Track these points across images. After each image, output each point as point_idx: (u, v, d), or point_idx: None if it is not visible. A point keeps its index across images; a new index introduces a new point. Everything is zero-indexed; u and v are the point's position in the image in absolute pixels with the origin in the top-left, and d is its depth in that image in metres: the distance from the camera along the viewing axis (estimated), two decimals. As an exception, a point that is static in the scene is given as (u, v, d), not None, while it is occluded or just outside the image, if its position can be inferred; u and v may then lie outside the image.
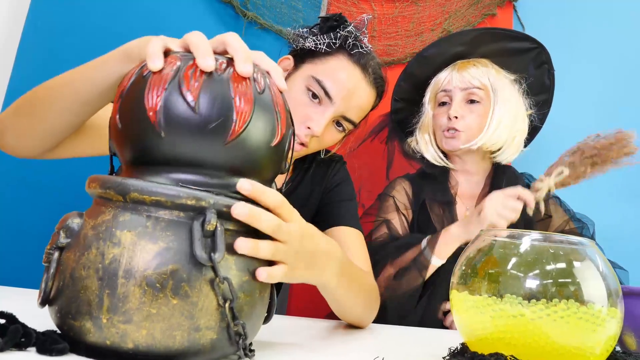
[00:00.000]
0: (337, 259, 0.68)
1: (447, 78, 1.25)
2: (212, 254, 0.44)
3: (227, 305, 0.45)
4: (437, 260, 1.05)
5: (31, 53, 1.31)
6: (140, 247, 0.43)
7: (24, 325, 0.43)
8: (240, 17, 1.52)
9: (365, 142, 1.39)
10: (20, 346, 0.41)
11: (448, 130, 1.22)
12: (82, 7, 1.37)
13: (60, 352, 0.42)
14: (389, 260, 1.07)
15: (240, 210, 0.47)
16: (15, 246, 1.26)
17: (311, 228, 0.61)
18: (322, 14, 1.59)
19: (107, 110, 0.74)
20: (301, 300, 1.46)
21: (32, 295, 0.77)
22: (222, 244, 0.45)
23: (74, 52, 1.33)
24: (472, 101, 1.22)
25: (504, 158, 1.27)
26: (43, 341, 0.42)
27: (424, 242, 1.07)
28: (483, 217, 1.05)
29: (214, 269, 0.44)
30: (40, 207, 1.29)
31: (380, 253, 1.11)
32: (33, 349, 0.42)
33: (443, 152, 1.29)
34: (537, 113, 1.34)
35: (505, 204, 1.05)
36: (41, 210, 1.29)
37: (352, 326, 0.91)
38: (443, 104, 1.26)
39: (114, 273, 0.43)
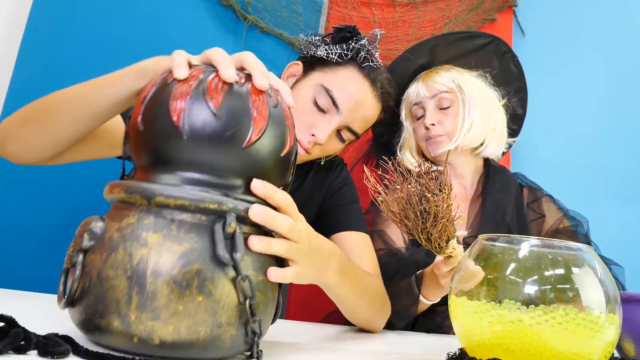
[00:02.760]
0: (338, 258, 0.71)
1: (415, 91, 1.28)
2: (234, 254, 0.47)
3: (247, 302, 0.48)
4: (427, 301, 1.01)
5: (32, 55, 1.31)
6: (167, 248, 0.46)
7: (24, 329, 0.43)
8: (240, 20, 1.52)
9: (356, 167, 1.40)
10: (20, 350, 0.41)
11: (428, 139, 1.25)
12: (84, 11, 1.37)
13: (62, 355, 0.42)
14: (387, 280, 1.02)
15: (257, 211, 0.50)
16: (14, 248, 1.26)
17: (313, 229, 0.63)
18: (323, 18, 1.60)
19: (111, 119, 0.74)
20: (300, 303, 1.46)
21: (29, 298, 0.78)
22: (242, 245, 0.48)
23: (75, 55, 1.33)
24: (443, 107, 1.24)
25: (491, 152, 1.28)
26: (44, 344, 0.42)
27: (413, 280, 1.01)
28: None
29: (235, 267, 0.48)
30: (40, 209, 1.29)
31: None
32: (33, 353, 0.42)
33: (433, 164, 1.30)
34: (514, 100, 1.36)
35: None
36: (40, 212, 1.29)
37: (352, 331, 0.91)
38: (419, 117, 1.28)
39: (142, 272, 0.45)
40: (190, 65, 0.55)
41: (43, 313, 0.63)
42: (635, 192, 1.60)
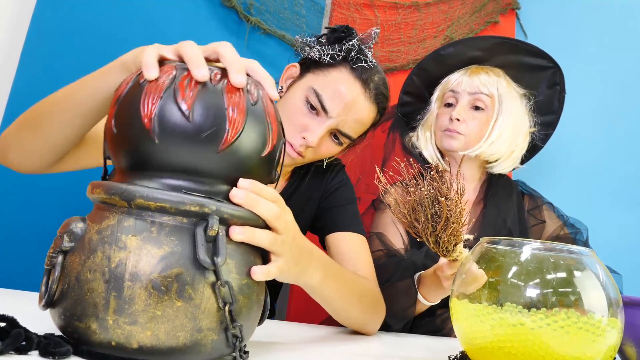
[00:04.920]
0: (319, 258, 0.70)
1: (458, 80, 1.25)
2: (215, 258, 0.46)
3: (226, 308, 0.47)
4: (427, 302, 1.01)
5: (35, 57, 1.31)
6: (146, 251, 0.45)
7: (25, 330, 0.43)
8: (243, 22, 1.52)
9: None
10: (21, 350, 0.41)
11: (446, 130, 1.23)
12: (86, 12, 1.37)
13: (63, 355, 0.42)
14: (385, 281, 1.01)
15: (236, 194, 0.49)
16: (14, 248, 1.26)
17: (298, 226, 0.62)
18: (326, 20, 1.60)
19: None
20: (300, 305, 1.46)
21: (30, 298, 0.77)
22: (224, 249, 0.47)
23: (77, 56, 1.33)
24: (476, 108, 1.22)
25: (499, 170, 1.27)
26: (45, 344, 0.42)
27: (416, 279, 1.02)
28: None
29: (215, 272, 0.46)
30: (40, 209, 1.30)
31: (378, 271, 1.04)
32: (34, 353, 0.42)
33: (441, 154, 1.29)
34: (540, 133, 1.34)
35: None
36: (41, 212, 1.29)
37: (351, 332, 0.90)
38: (448, 105, 1.26)
39: (121, 276, 0.44)
40: (164, 62, 0.52)
41: (44, 313, 0.62)
42: (633, 197, 1.60)
